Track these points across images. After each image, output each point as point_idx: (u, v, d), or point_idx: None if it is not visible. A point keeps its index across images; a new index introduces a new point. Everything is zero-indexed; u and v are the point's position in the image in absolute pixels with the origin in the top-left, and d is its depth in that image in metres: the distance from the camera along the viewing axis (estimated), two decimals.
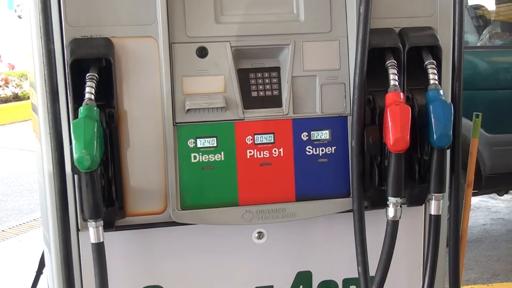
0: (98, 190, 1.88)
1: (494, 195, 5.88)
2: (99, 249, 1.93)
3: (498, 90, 4.87)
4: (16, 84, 12.58)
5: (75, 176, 1.94)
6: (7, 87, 12.47)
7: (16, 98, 12.45)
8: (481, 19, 5.40)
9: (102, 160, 1.93)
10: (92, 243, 1.93)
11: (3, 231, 5.88)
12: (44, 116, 1.99)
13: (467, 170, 2.77)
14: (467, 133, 2.81)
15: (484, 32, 5.28)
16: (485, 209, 6.19)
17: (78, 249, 2.07)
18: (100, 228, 1.92)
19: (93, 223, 1.90)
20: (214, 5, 2.07)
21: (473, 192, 3.22)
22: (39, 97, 2.01)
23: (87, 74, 1.91)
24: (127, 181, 2.03)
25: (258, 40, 2.09)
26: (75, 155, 1.82)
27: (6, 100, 12.26)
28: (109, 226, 1.98)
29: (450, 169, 2.22)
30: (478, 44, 5.27)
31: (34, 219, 6.09)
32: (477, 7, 5.58)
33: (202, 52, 2.06)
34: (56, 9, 1.95)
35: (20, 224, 6.03)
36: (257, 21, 2.09)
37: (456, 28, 2.19)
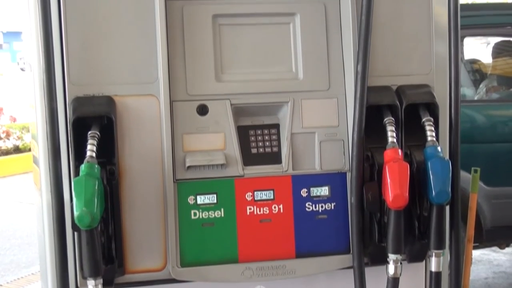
0: (98, 248, 1.88)
1: (495, 248, 5.83)
2: None
3: (497, 143, 4.89)
4: (17, 136, 12.63)
5: (75, 233, 1.94)
6: (8, 139, 12.52)
7: (17, 150, 12.48)
8: (478, 73, 5.47)
9: (103, 217, 1.93)
10: None
11: (1, 285, 5.80)
12: (46, 173, 2.01)
13: (467, 225, 2.77)
14: (467, 186, 2.81)
15: (481, 85, 5.34)
16: (487, 262, 6.13)
17: None
18: (100, 287, 1.90)
19: (93, 281, 1.89)
20: (214, 63, 2.11)
21: (474, 245, 3.20)
22: (40, 153, 2.03)
23: (89, 132, 1.93)
24: (127, 238, 2.03)
25: (257, 98, 2.13)
26: (75, 213, 1.82)
27: (7, 152, 12.29)
28: (108, 283, 1.97)
29: (450, 225, 2.22)
30: (475, 98, 5.32)
31: (32, 273, 6.01)
32: (474, 61, 5.65)
33: (202, 110, 2.09)
34: (59, 68, 1.98)
35: (18, 279, 5.96)
36: (257, 79, 2.13)
37: (453, 86, 2.22)
